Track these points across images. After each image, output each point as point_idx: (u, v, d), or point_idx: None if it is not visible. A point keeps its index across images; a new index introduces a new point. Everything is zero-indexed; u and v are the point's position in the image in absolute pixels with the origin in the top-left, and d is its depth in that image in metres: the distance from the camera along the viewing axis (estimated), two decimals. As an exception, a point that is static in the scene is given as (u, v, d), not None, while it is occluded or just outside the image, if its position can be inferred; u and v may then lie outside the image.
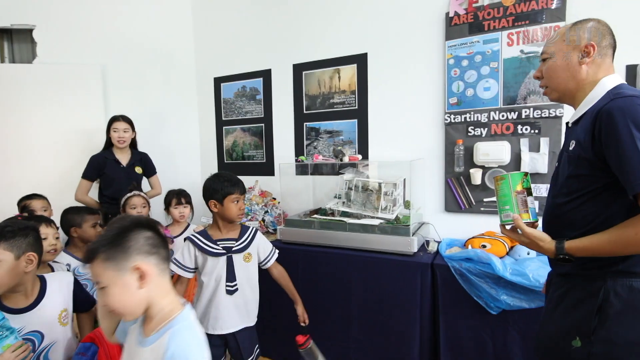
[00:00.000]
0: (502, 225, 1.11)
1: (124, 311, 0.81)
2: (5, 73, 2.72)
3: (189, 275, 1.54)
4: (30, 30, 2.81)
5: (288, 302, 1.74)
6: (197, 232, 1.58)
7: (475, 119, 2.08)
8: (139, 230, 0.82)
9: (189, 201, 2.21)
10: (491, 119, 2.05)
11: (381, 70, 2.35)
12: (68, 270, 1.64)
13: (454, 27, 2.11)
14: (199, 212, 2.42)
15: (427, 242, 2.01)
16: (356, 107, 2.44)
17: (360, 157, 2.37)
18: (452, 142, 2.14)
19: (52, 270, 1.53)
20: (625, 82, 1.01)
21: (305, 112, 2.62)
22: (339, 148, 2.24)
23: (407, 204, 2.12)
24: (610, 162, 0.89)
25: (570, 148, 1.01)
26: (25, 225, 1.18)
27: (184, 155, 3.11)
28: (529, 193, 1.07)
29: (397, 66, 2.29)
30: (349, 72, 2.44)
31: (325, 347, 2.06)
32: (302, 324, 1.70)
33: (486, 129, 2.06)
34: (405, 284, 1.83)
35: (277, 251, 1.72)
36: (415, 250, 1.87)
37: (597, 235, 0.91)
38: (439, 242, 2.01)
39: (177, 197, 2.17)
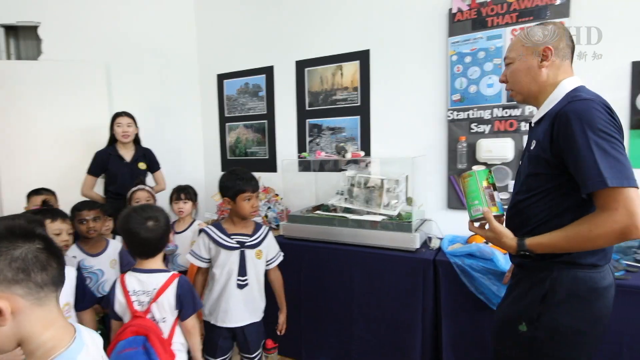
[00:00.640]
0: (471, 222, 1.14)
1: None
2: (10, 69, 2.75)
3: (204, 265, 1.58)
4: (36, 28, 2.83)
5: (290, 302, 1.77)
6: (212, 225, 1.61)
7: (479, 116, 2.08)
8: (3, 249, 0.63)
9: (190, 197, 2.22)
10: (494, 115, 2.04)
11: (383, 66, 2.35)
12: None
13: (457, 24, 2.10)
14: (203, 208, 2.44)
15: (430, 238, 2.01)
16: (359, 104, 2.44)
17: (362, 153, 2.37)
18: (455, 138, 2.14)
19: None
20: (583, 85, 1.03)
21: (307, 108, 2.62)
22: (342, 144, 2.24)
23: (409, 201, 2.13)
24: (567, 163, 0.93)
25: (531, 147, 1.06)
26: (32, 219, 1.18)
27: (187, 151, 3.13)
28: (494, 188, 1.12)
29: (399, 63, 2.29)
30: (351, 69, 2.44)
31: (327, 343, 2.08)
32: (279, 333, 1.74)
33: (489, 125, 2.06)
34: (407, 280, 1.84)
35: (282, 255, 1.75)
36: (418, 246, 1.87)
37: (555, 232, 0.96)
38: (441, 239, 2.01)
39: (177, 192, 2.18)
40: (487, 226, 1.09)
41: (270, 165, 2.83)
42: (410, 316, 1.84)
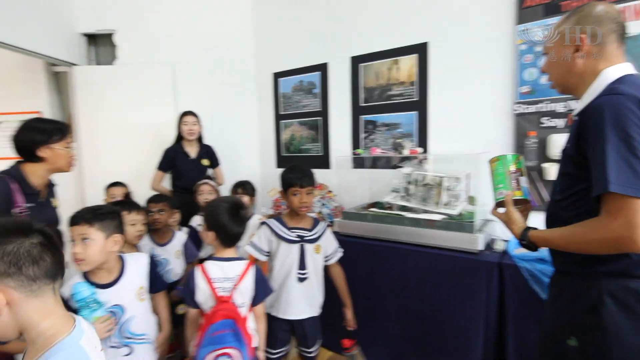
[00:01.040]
0: (495, 207, 1.13)
1: None
2: (91, 74, 3.03)
3: (263, 258, 1.62)
4: (111, 35, 3.09)
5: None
6: (274, 218, 1.66)
7: (551, 109, 1.91)
8: None
9: (248, 192, 2.30)
10: (569, 108, 1.87)
11: (443, 59, 2.25)
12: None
13: (526, 10, 1.95)
14: (260, 203, 2.52)
15: (493, 240, 1.90)
16: (416, 99, 2.36)
17: (420, 150, 2.29)
18: (523, 134, 1.99)
19: (139, 251, 1.69)
20: (632, 74, 0.91)
21: (362, 104, 2.59)
22: (399, 141, 2.19)
23: (471, 200, 2.02)
24: (588, 162, 0.87)
25: (567, 145, 0.98)
26: (112, 210, 1.30)
27: (244, 148, 3.25)
28: (522, 174, 1.11)
29: (460, 54, 2.18)
30: (408, 63, 2.37)
31: (379, 342, 2.05)
32: (349, 328, 1.73)
33: (563, 119, 1.89)
34: (468, 284, 1.75)
35: (342, 251, 1.75)
36: (481, 248, 1.77)
37: (556, 230, 0.93)
38: (506, 241, 1.89)
39: (237, 187, 2.27)
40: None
41: (323, 162, 2.84)
42: (471, 321, 1.75)
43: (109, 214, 1.25)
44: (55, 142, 1.40)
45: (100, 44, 3.24)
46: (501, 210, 1.11)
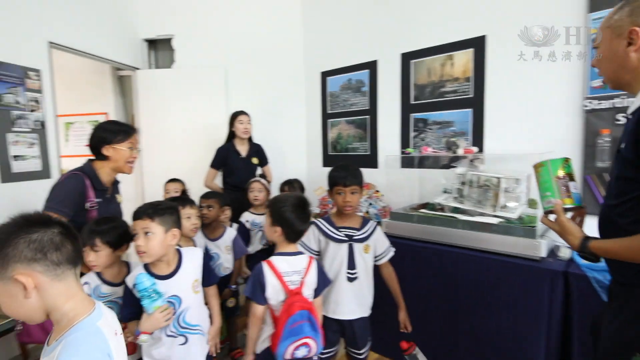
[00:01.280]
0: (544, 215, 1.08)
1: (21, 318, 0.78)
2: (151, 77, 3.23)
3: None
4: (170, 40, 3.27)
5: (390, 300, 1.70)
6: (322, 218, 1.65)
7: (628, 105, 1.73)
8: (22, 234, 0.73)
9: (295, 190, 2.32)
10: (651, 103, 1.67)
11: (502, 52, 2.12)
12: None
13: (600, -4, 1.78)
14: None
15: (558, 247, 1.75)
16: (471, 95, 2.25)
17: (475, 149, 2.18)
18: (594, 132, 1.82)
19: (195, 245, 1.76)
20: None
21: (412, 102, 2.52)
22: (453, 139, 2.09)
23: (531, 203, 1.88)
24: None
25: (622, 145, 0.92)
26: (171, 205, 1.36)
27: (291, 147, 3.29)
28: (571, 178, 1.04)
29: (522, 47, 2.03)
30: (463, 58, 2.26)
31: (428, 347, 1.97)
32: (403, 331, 1.68)
33: (643, 115, 1.69)
34: (529, 292, 1.63)
35: (393, 250, 1.70)
36: (544, 255, 1.65)
37: (620, 240, 0.87)
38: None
39: (283, 185, 2.31)
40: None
41: (371, 161, 2.80)
42: (531, 332, 1.63)
43: (168, 209, 1.31)
44: (118, 143, 1.50)
45: (159, 49, 3.44)
46: (552, 216, 1.05)
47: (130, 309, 1.28)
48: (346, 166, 1.60)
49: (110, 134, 1.50)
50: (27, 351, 2.31)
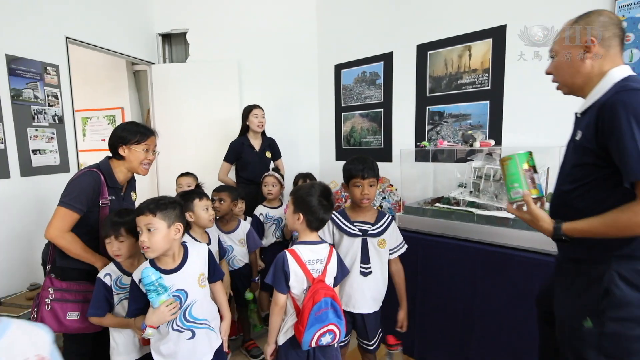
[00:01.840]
0: (510, 204, 1.16)
1: None
2: (165, 71, 3.25)
3: None
4: (185, 34, 3.28)
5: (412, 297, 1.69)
6: (337, 211, 1.63)
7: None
8: None
9: (309, 185, 2.32)
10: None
11: (523, 43, 2.05)
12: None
13: (627, -18, 1.70)
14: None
15: (578, 242, 1.70)
16: (489, 87, 2.19)
17: (492, 142, 2.13)
18: (619, 124, 1.75)
19: (209, 237, 1.78)
20: (635, 74, 1.00)
21: (428, 95, 2.47)
22: (470, 132, 2.05)
23: (549, 197, 1.83)
24: (612, 153, 0.94)
25: (577, 138, 1.06)
26: (173, 200, 1.35)
27: (304, 141, 3.28)
28: (535, 171, 1.13)
29: (545, 36, 1.96)
30: (481, 49, 2.20)
31: (442, 344, 1.96)
32: (399, 329, 1.66)
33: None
34: (547, 288, 1.59)
35: (405, 247, 1.68)
36: None
37: (594, 218, 0.97)
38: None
39: (304, 178, 2.31)
40: (525, 208, 1.11)
41: (385, 154, 2.77)
42: (550, 330, 1.59)
43: (170, 203, 1.30)
44: (135, 144, 1.52)
45: (174, 43, 3.46)
46: (515, 206, 1.15)
47: (136, 305, 1.29)
48: (363, 158, 1.58)
49: (128, 134, 1.52)
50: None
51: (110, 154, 1.57)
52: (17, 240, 2.26)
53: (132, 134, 1.52)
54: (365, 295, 1.56)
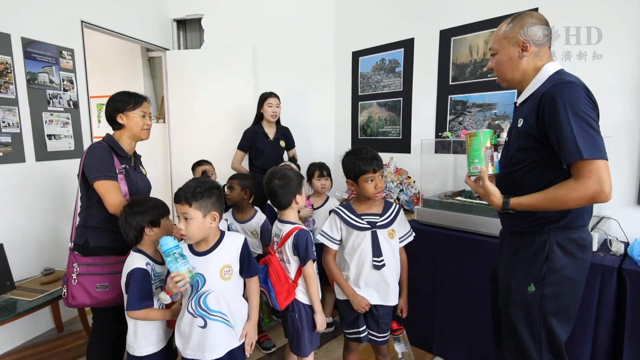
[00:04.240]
0: (468, 176, 1.27)
1: None
2: (180, 57, 3.21)
3: (335, 247, 1.56)
4: (200, 20, 3.22)
5: (423, 290, 1.62)
6: (342, 205, 1.57)
7: (703, 84, 1.54)
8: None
9: (329, 174, 2.25)
10: None
11: (554, 26, 1.92)
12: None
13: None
14: (334, 186, 2.46)
15: (610, 241, 1.61)
16: (516, 76, 2.07)
17: (519, 133, 2.02)
18: (659, 115, 1.64)
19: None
20: (562, 68, 1.14)
21: (451, 83, 2.36)
22: (497, 122, 1.95)
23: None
24: (550, 138, 1.06)
25: (519, 125, 1.18)
26: (210, 186, 1.30)
27: (319, 130, 3.21)
28: (496, 149, 1.22)
29: (576, 19, 1.84)
30: (509, 34, 2.08)
31: (461, 340, 1.89)
32: (400, 315, 1.62)
33: None
34: (576, 288, 1.51)
35: (413, 235, 1.61)
36: (594, 249, 1.51)
37: (536, 194, 1.09)
38: (626, 243, 1.59)
39: (320, 169, 2.23)
40: (480, 183, 1.21)
41: (403, 145, 2.68)
42: (576, 331, 1.51)
43: (206, 191, 1.27)
44: (130, 110, 1.57)
45: (188, 29, 3.41)
46: (473, 179, 1.25)
47: (138, 299, 1.32)
48: (363, 150, 1.49)
49: (121, 103, 1.57)
50: (61, 324, 2.41)
51: (112, 129, 1.62)
52: (32, 225, 2.27)
53: (126, 101, 1.58)
54: (378, 287, 1.51)
